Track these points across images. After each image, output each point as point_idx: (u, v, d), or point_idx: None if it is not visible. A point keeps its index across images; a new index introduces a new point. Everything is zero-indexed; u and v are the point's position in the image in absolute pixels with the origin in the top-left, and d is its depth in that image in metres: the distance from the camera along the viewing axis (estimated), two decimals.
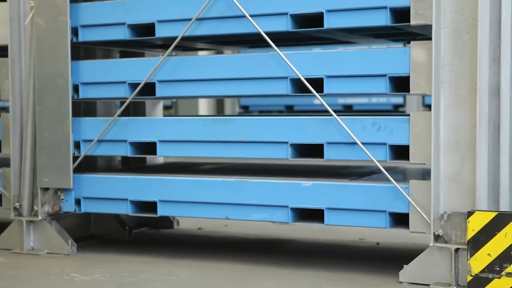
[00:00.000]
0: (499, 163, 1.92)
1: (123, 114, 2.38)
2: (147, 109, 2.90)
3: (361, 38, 2.45)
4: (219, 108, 7.44)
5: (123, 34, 2.35)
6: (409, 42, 1.98)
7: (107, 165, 2.78)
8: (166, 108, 7.14)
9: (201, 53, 5.47)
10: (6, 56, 2.52)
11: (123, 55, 2.83)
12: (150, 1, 2.32)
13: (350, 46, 2.47)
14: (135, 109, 2.83)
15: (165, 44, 2.53)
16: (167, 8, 2.27)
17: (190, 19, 2.22)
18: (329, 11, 2.04)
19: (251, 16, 2.14)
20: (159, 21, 2.29)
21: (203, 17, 2.21)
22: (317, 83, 2.09)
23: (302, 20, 2.13)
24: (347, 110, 6.53)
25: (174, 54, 2.34)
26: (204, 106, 7.34)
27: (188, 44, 2.68)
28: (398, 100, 6.46)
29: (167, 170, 2.54)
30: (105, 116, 2.66)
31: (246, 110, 6.84)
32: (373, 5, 1.99)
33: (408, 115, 1.98)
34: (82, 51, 2.62)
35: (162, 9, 2.28)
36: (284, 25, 2.12)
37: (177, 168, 2.56)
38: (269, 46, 2.12)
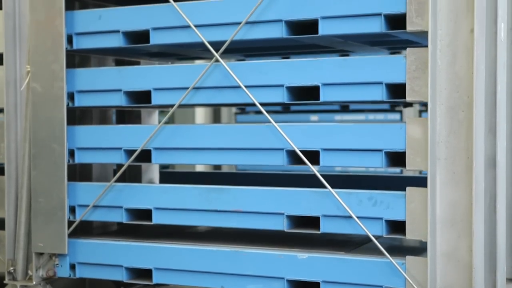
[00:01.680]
0: (496, 241, 1.92)
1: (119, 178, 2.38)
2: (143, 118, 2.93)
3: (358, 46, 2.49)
4: (216, 116, 7.39)
5: (119, 100, 2.35)
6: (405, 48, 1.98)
7: (103, 226, 2.76)
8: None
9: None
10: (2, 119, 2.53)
11: (120, 119, 2.83)
12: (147, 69, 2.33)
13: (347, 117, 2.45)
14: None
15: (162, 110, 2.55)
16: (163, 77, 2.27)
17: (186, 88, 2.23)
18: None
19: (246, 87, 2.14)
20: (155, 89, 2.29)
21: (200, 86, 2.22)
22: (313, 155, 2.09)
23: (298, 91, 2.13)
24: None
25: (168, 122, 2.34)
26: (200, 115, 7.28)
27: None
28: (395, 116, 6.37)
29: (163, 234, 2.53)
30: (101, 181, 2.65)
31: (242, 111, 6.82)
32: (370, 80, 2.00)
33: (405, 189, 1.98)
34: (78, 114, 2.62)
35: (158, 77, 2.28)
36: (280, 97, 2.12)
37: (173, 231, 2.55)
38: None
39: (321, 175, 2.04)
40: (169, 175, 3.13)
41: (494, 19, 1.95)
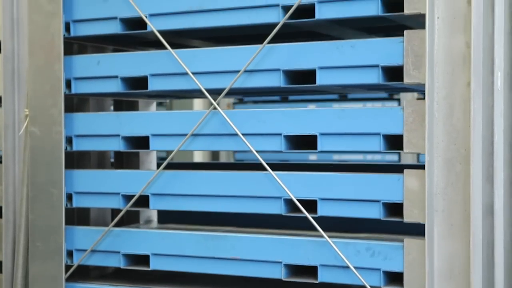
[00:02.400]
0: None
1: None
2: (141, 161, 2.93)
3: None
4: (214, 154, 7.38)
5: (117, 145, 2.35)
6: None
7: (100, 267, 2.75)
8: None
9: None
10: (0, 162, 2.54)
11: (118, 163, 2.83)
12: (145, 114, 2.34)
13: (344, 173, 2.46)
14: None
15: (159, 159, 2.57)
16: (162, 123, 2.28)
17: (184, 134, 2.23)
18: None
19: (244, 134, 2.15)
20: (154, 135, 2.30)
21: (198, 133, 2.22)
22: (312, 203, 2.09)
23: (296, 140, 2.14)
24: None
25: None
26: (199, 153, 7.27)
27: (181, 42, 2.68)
28: (393, 157, 6.43)
29: (159, 277, 2.52)
30: (99, 222, 2.65)
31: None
32: (367, 131, 2.00)
33: (402, 241, 1.98)
34: (76, 159, 2.62)
35: (157, 123, 2.29)
36: (278, 145, 2.13)
37: (169, 274, 2.54)
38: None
39: None
40: (166, 213, 3.12)
41: (491, 70, 1.96)
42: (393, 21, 2.10)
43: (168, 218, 3.00)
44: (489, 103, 1.94)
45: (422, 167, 1.93)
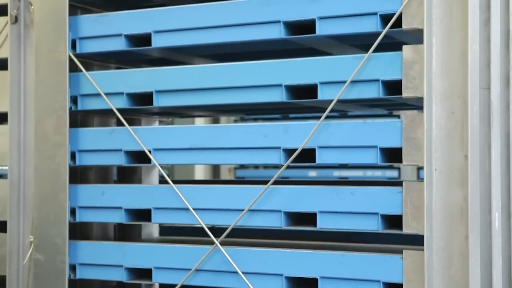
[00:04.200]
0: None
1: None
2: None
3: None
4: (215, 172, 7.41)
5: (120, 274, 2.38)
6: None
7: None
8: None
9: None
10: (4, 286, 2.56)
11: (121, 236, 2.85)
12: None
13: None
14: None
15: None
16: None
17: (186, 269, 2.26)
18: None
19: (245, 273, 2.17)
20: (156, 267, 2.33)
21: (199, 269, 2.25)
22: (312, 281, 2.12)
23: (297, 281, 2.16)
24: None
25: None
26: (200, 171, 7.30)
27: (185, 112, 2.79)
28: (392, 173, 6.34)
29: None
30: None
31: (242, 166, 6.82)
32: (368, 278, 2.03)
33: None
34: (78, 285, 2.65)
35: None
36: (279, 286, 2.15)
37: None
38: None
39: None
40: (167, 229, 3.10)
41: (489, 210, 1.99)
42: (393, 38, 2.13)
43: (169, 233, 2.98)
44: (487, 256, 1.96)
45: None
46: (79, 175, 2.66)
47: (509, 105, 2.17)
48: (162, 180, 2.32)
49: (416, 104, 2.38)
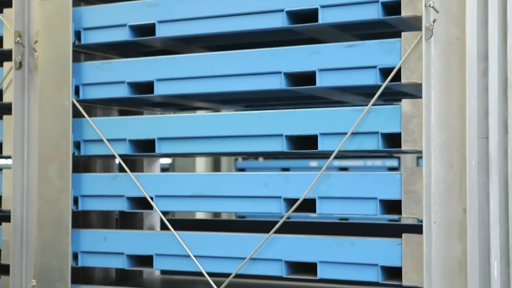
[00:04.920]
0: None
1: None
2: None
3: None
4: (216, 165, 7.43)
5: None
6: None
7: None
8: (164, 170, 7.29)
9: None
10: None
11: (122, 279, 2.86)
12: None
13: None
14: None
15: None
16: None
17: None
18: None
19: None
20: None
21: None
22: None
23: None
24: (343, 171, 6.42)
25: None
26: (201, 164, 7.32)
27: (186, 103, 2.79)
28: (392, 163, 6.34)
29: None
30: None
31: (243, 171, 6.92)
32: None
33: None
34: None
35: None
36: None
37: None
38: (263, 104, 2.11)
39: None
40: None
41: (488, 259, 2.01)
42: (392, 89, 2.16)
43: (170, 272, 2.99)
44: None
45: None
46: (81, 218, 2.68)
47: (507, 152, 2.20)
48: (164, 224, 2.33)
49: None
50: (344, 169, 6.40)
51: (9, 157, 2.57)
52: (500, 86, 2.19)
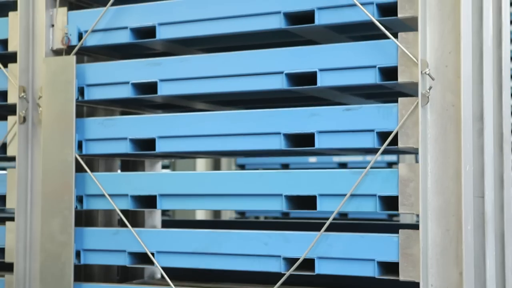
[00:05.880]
0: None
1: None
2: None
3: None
4: (216, 165, 7.43)
5: None
6: None
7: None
8: (164, 167, 7.32)
9: None
10: None
11: None
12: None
13: None
14: None
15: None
16: None
17: None
18: None
19: None
20: None
21: None
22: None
23: None
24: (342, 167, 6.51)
25: None
26: (201, 164, 7.32)
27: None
28: (391, 158, 6.34)
29: None
30: None
31: (242, 168, 6.94)
32: None
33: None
34: None
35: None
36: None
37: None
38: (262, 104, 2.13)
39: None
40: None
41: None
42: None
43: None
44: None
45: None
46: (83, 271, 2.71)
47: (503, 208, 2.24)
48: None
49: None
50: (343, 164, 6.42)
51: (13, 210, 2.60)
52: (495, 143, 2.24)
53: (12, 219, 2.60)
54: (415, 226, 2.00)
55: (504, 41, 2.29)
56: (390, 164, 6.43)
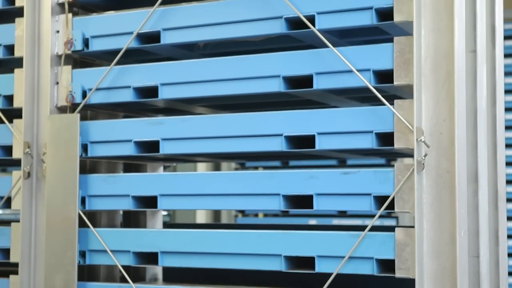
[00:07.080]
0: None
1: None
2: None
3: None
4: (216, 165, 7.44)
5: None
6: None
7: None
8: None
9: None
10: None
11: None
12: None
13: None
14: None
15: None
16: None
17: None
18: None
19: None
20: None
21: None
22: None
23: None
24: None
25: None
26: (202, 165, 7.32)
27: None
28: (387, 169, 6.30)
29: None
30: None
31: (242, 166, 6.90)
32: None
33: None
34: None
35: None
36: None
37: None
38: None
39: None
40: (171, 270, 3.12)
41: None
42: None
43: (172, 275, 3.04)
44: None
45: None
46: None
47: (498, 267, 2.28)
48: None
49: None
50: (343, 162, 6.44)
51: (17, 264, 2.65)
52: (490, 201, 2.28)
53: (15, 272, 2.64)
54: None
55: (498, 102, 2.33)
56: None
